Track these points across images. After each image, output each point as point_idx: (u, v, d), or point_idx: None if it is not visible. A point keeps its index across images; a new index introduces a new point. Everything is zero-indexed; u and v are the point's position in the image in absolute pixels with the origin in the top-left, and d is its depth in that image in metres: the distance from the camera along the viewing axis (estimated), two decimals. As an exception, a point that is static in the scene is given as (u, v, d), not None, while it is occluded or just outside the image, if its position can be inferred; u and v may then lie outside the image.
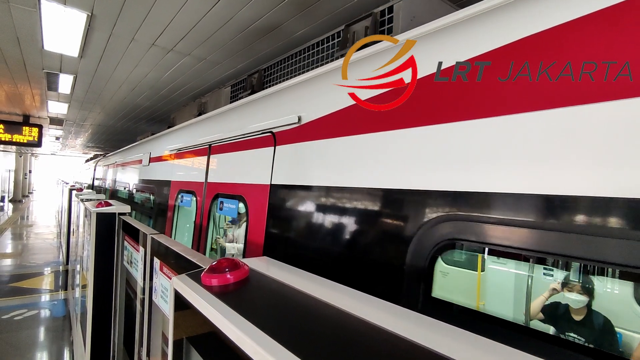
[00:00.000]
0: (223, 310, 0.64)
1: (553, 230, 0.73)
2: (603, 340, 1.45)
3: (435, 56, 1.10)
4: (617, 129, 0.70)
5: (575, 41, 0.82)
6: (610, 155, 0.69)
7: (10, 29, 3.41)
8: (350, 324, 0.58)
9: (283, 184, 1.78)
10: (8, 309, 5.31)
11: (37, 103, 6.80)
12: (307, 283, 0.78)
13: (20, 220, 15.66)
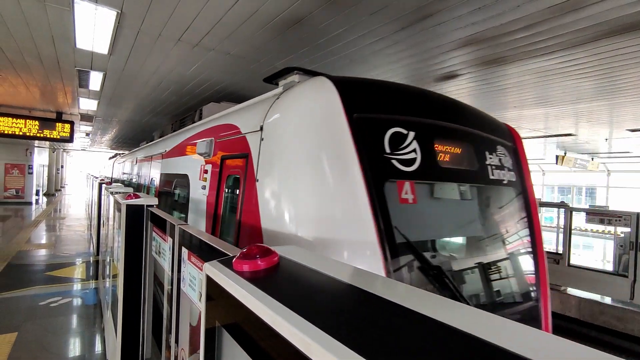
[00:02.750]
0: (257, 294, 0.65)
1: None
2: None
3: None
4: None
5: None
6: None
7: (46, 28, 3.55)
8: (386, 308, 0.57)
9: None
10: (45, 296, 5.59)
11: (69, 100, 7.07)
12: (336, 270, 0.78)
13: (53, 212, 16.41)
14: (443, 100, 2.54)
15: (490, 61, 4.00)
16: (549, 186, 21.17)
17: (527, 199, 2.69)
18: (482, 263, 2.39)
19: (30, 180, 18.44)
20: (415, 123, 2.14)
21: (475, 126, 2.53)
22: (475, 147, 2.45)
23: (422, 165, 2.09)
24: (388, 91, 2.33)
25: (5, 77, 5.54)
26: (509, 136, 2.84)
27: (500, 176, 2.55)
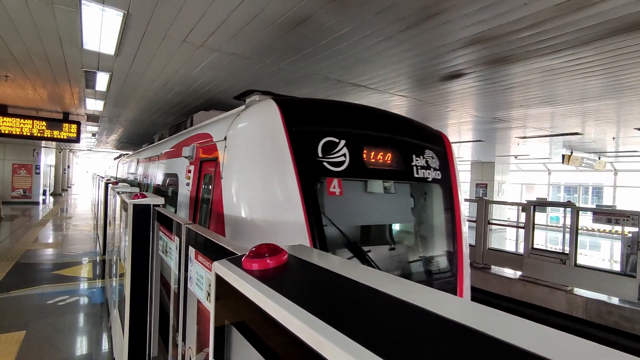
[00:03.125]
0: (267, 292, 0.65)
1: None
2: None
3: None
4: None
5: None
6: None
7: (54, 29, 3.59)
8: (398, 306, 0.57)
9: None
10: (53, 294, 5.65)
11: (75, 100, 7.13)
12: (344, 268, 0.78)
13: (60, 212, 16.56)
14: (375, 113, 3.13)
15: (496, 60, 3.98)
16: (555, 185, 21.00)
17: (451, 193, 3.28)
18: (399, 242, 3.21)
19: (38, 180, 18.62)
20: (346, 133, 2.71)
21: (404, 134, 3.10)
22: (401, 151, 3.00)
23: (349, 166, 2.67)
24: (323, 108, 2.90)
25: (14, 79, 5.61)
26: (440, 142, 3.39)
27: (425, 174, 3.11)
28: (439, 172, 3.22)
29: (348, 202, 2.83)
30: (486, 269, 7.50)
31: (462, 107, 6.37)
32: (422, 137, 3.25)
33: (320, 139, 2.59)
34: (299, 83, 5.22)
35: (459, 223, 3.25)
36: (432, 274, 3.13)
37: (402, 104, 6.27)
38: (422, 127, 3.43)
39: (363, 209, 2.94)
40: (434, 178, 3.17)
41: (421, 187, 3.31)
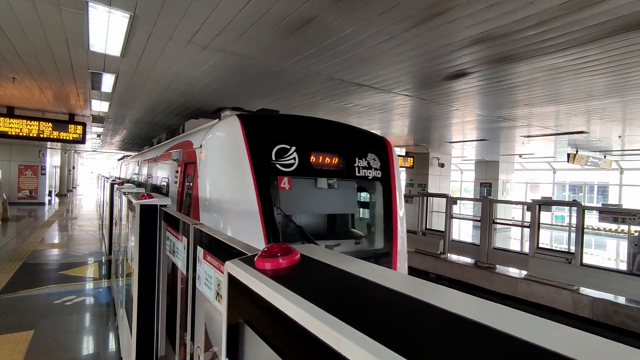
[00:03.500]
0: (282, 292, 0.66)
1: None
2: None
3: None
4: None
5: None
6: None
7: (61, 31, 3.62)
8: (411, 305, 0.58)
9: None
10: (60, 294, 5.70)
11: (81, 102, 7.18)
12: (357, 268, 0.79)
13: (66, 213, 16.68)
14: (323, 124, 3.85)
15: (501, 59, 3.97)
16: (560, 184, 20.88)
17: (390, 188, 3.96)
18: (340, 226, 4.12)
19: (43, 181, 18.76)
20: (296, 141, 3.39)
21: (347, 140, 3.78)
22: (344, 154, 3.67)
23: (298, 167, 3.35)
24: (278, 122, 3.62)
25: (21, 80, 5.66)
26: (383, 146, 4.06)
27: (366, 174, 3.80)
28: (380, 171, 3.92)
29: (298, 195, 3.58)
30: (491, 268, 7.48)
31: (466, 106, 6.35)
32: (365, 143, 3.94)
33: (274, 146, 3.31)
34: (302, 83, 5.23)
35: (395, 212, 3.94)
36: (372, 251, 3.86)
37: (405, 103, 6.26)
38: (366, 134, 4.13)
39: (311, 201, 3.72)
40: (374, 176, 3.88)
41: (365, 183, 4.05)
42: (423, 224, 9.38)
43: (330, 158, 3.59)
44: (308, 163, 3.43)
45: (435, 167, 14.51)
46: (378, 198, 3.99)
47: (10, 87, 6.15)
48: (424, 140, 11.22)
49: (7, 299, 5.44)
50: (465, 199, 17.61)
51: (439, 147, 12.90)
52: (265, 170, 3.22)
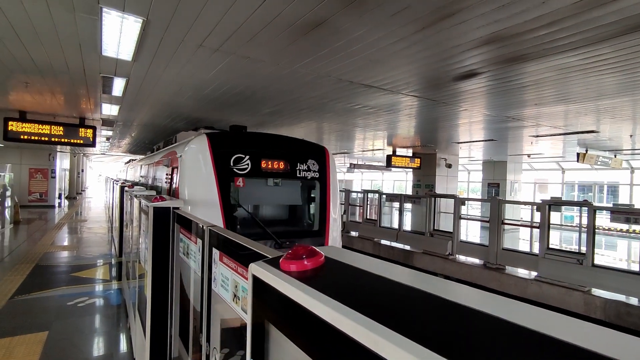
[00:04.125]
0: (312, 293, 0.67)
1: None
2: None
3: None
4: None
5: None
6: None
7: (74, 36, 3.68)
8: (443, 306, 0.59)
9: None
10: (72, 296, 5.77)
11: (91, 106, 7.28)
12: (384, 269, 0.79)
13: (75, 215, 16.87)
14: (271, 138, 4.99)
15: (511, 59, 3.95)
16: (569, 184, 20.66)
17: (326, 186, 5.04)
18: (283, 215, 5.25)
19: (53, 184, 19.00)
20: (250, 151, 4.45)
21: (291, 150, 4.86)
22: (288, 160, 4.73)
23: (250, 170, 4.42)
24: (236, 138, 4.77)
25: (33, 85, 5.75)
26: (321, 153, 5.15)
27: (306, 175, 4.88)
28: (318, 173, 5.01)
29: (252, 191, 4.74)
30: (500, 269, 7.42)
31: (475, 107, 6.33)
32: (306, 151, 5.03)
33: (232, 155, 4.39)
34: (310, 85, 5.25)
35: (328, 203, 5.05)
36: (309, 232, 5.10)
37: (413, 104, 6.25)
38: (307, 144, 5.24)
39: (262, 195, 4.98)
40: (312, 177, 4.97)
41: (306, 182, 5.13)
42: (431, 225, 9.34)
43: (276, 163, 4.70)
44: (259, 167, 4.57)
45: (443, 167, 14.44)
46: (316, 193, 5.14)
47: (23, 92, 6.26)
48: (432, 140, 11.18)
49: (21, 301, 5.52)
50: (474, 200, 17.51)
51: (447, 148, 12.85)
52: (225, 173, 4.37)
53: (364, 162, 21.83)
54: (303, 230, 5.22)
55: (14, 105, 7.45)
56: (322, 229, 4.98)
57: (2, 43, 3.96)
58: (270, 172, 4.69)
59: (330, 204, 5.11)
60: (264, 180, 4.86)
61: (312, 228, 5.15)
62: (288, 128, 9.63)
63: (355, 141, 12.17)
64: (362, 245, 10.82)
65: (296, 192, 5.29)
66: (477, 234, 13.87)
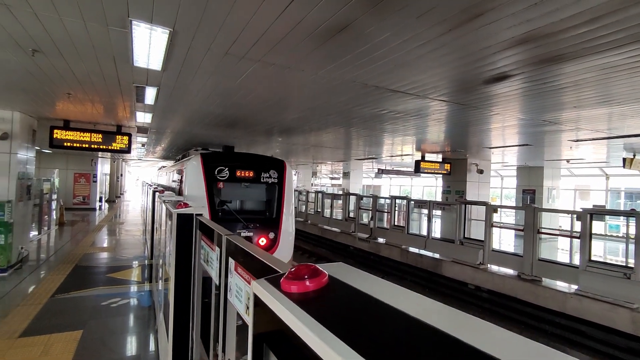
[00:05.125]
0: (305, 320, 0.62)
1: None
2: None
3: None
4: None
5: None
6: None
7: (108, 49, 3.86)
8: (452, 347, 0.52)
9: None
10: (107, 296, 6.01)
11: (127, 114, 7.62)
12: (389, 294, 0.73)
13: (114, 218, 17.70)
14: (244, 155, 7.71)
15: (546, 60, 3.73)
16: (614, 191, 19.30)
17: (282, 189, 7.42)
18: (252, 206, 7.53)
19: (95, 188, 20.09)
20: (229, 165, 7.06)
21: (258, 163, 7.38)
22: (255, 170, 7.21)
23: (229, 178, 6.99)
24: (220, 155, 7.45)
25: (75, 96, 6.09)
26: (280, 166, 7.55)
27: (268, 181, 7.33)
28: (277, 179, 7.47)
29: (229, 191, 7.17)
30: (536, 281, 7.01)
31: (507, 110, 6.05)
32: (269, 164, 7.50)
33: (216, 168, 6.87)
34: (336, 91, 5.21)
35: (283, 200, 7.43)
36: (268, 221, 7.32)
37: (442, 108, 6.07)
38: (270, 159, 7.79)
39: (237, 194, 7.33)
40: (273, 182, 7.44)
41: (264, 186, 7.52)
42: (461, 233, 9.00)
43: (246, 172, 7.24)
44: (235, 175, 7.12)
45: (474, 173, 13.93)
46: (275, 193, 7.54)
47: (66, 102, 6.65)
48: (462, 145, 10.82)
49: (61, 299, 5.82)
50: (506, 207, 16.75)
51: (478, 153, 12.39)
52: (211, 180, 6.93)
53: (393, 167, 21.50)
54: (264, 218, 7.48)
55: (59, 114, 7.94)
56: (278, 217, 7.44)
57: (46, 58, 4.22)
58: (242, 179, 7.27)
59: (285, 200, 7.57)
60: (239, 184, 7.30)
61: (271, 216, 7.51)
62: (316, 133, 9.64)
63: (384, 146, 12.00)
64: (389, 253, 10.60)
65: (261, 192, 7.69)
66: (511, 243, 13.23)
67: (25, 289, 6.33)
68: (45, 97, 6.30)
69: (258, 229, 7.18)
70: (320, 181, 34.23)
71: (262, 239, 7.19)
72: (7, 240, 7.31)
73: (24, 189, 8.36)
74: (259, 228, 7.20)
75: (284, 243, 7.41)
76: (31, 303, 5.59)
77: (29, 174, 8.69)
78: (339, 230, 13.33)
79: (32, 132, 8.61)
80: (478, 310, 7.66)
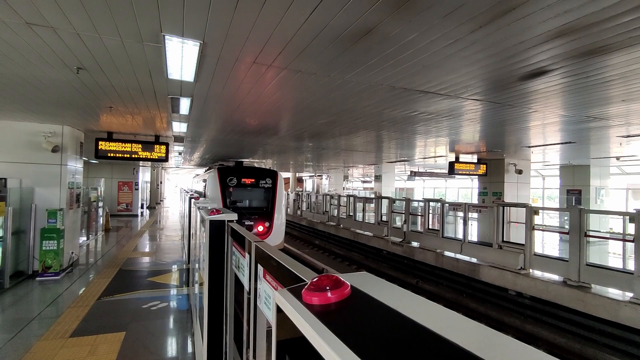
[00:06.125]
0: (325, 335, 0.61)
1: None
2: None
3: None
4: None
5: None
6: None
7: (144, 64, 4.06)
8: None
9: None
10: (147, 299, 6.29)
11: (164, 124, 7.97)
12: (416, 310, 0.70)
13: (154, 224, 18.52)
14: (248, 167, 12.38)
15: (589, 52, 3.50)
16: (673, 190, 17.69)
17: (274, 191, 11.50)
18: (253, 204, 11.46)
19: (137, 195, 21.18)
20: (236, 175, 11.29)
21: (257, 173, 11.66)
22: (255, 178, 11.45)
23: (236, 184, 11.20)
24: (231, 168, 11.72)
25: (116, 109, 6.46)
26: (274, 174, 11.75)
27: (264, 185, 11.50)
28: (271, 185, 11.48)
29: (237, 193, 11.21)
30: (584, 287, 6.55)
31: (547, 107, 5.73)
32: (265, 174, 11.58)
33: (228, 177, 11.12)
34: (363, 94, 5.17)
35: (275, 200, 11.34)
36: (264, 214, 11.16)
37: (475, 108, 5.85)
38: (266, 170, 11.86)
39: (242, 195, 11.28)
40: (268, 187, 11.45)
41: (262, 189, 11.41)
42: (499, 236, 8.60)
43: (249, 180, 11.19)
44: (241, 182, 11.08)
45: (512, 173, 13.30)
46: (270, 195, 11.31)
47: (109, 115, 7.07)
48: (498, 145, 10.38)
49: (106, 302, 6.15)
50: (549, 209, 15.83)
51: (516, 152, 11.83)
52: (224, 185, 10.93)
53: (426, 169, 21.00)
54: (262, 212, 11.22)
55: (102, 127, 8.45)
56: (271, 211, 11.23)
57: (89, 74, 4.51)
58: (246, 184, 11.18)
59: (277, 200, 11.39)
60: (243, 188, 11.19)
61: (267, 211, 11.26)
62: (346, 137, 9.61)
63: (416, 148, 11.75)
64: (423, 257, 10.33)
65: (260, 194, 11.46)
66: (556, 247, 12.48)
67: (76, 292, 6.76)
68: (90, 111, 6.73)
69: (257, 219, 11.04)
70: (352, 185, 34.08)
71: (260, 227, 11.00)
72: (60, 246, 7.85)
73: (74, 197, 8.96)
74: (258, 219, 11.07)
75: (276, 230, 11.28)
76: (80, 305, 5.96)
77: (78, 183, 9.31)
78: (371, 234, 13.17)
79: (80, 144, 9.23)
80: (520, 317, 7.28)
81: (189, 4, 2.74)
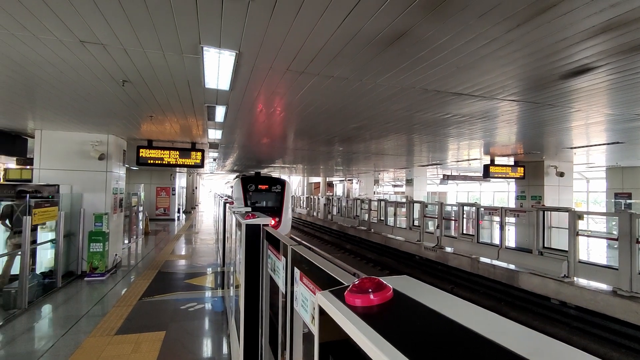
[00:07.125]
0: (371, 335, 0.62)
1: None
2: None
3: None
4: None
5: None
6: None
7: (183, 75, 4.26)
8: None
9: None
10: (185, 301, 6.52)
11: (200, 132, 8.29)
12: (457, 311, 0.70)
13: (190, 228, 19.18)
14: (263, 176, 17.17)
15: (636, 47, 3.30)
16: None
17: (283, 194, 16.26)
18: (268, 204, 16.23)
19: (174, 200, 22.06)
20: (254, 182, 16.23)
21: (271, 181, 16.69)
22: (269, 184, 16.37)
23: (254, 189, 16.07)
24: (251, 177, 16.49)
25: (156, 118, 6.80)
26: (283, 182, 16.67)
27: (275, 190, 16.29)
28: (280, 190, 16.29)
29: (256, 195, 15.97)
30: (637, 298, 6.10)
31: (591, 106, 5.43)
32: (276, 181, 16.58)
33: (248, 184, 15.99)
34: (395, 98, 5.14)
35: (284, 202, 16.08)
36: (276, 211, 15.67)
37: (512, 109, 5.65)
38: (277, 178, 17.19)
39: (259, 197, 15.98)
40: (278, 191, 16.24)
41: (274, 193, 16.20)
42: (540, 242, 8.20)
43: (264, 186, 16.10)
44: (258, 187, 16.00)
45: (553, 176, 12.65)
46: (280, 198, 16.13)
47: (149, 124, 7.45)
48: (537, 147, 9.92)
49: (147, 302, 6.45)
50: (594, 214, 14.89)
51: (556, 154, 11.25)
52: (245, 190, 15.78)
53: (459, 173, 20.41)
54: (274, 209, 15.43)
55: (143, 135, 8.91)
56: (280, 209, 15.72)
57: (133, 86, 4.79)
58: (262, 189, 15.95)
59: (284, 202, 15.93)
60: (260, 192, 15.87)
61: (277, 209, 15.65)
62: (377, 141, 9.57)
63: (449, 151, 11.47)
64: (458, 262, 10.03)
65: (273, 196, 15.93)
66: (603, 254, 11.71)
67: (119, 292, 7.13)
68: (132, 120, 7.12)
69: (270, 215, 15.05)
70: (383, 189, 33.69)
71: (272, 221, 12.96)
72: (105, 248, 8.33)
73: (117, 202, 9.49)
74: (271, 215, 11.74)
75: (284, 222, 15.61)
76: (124, 304, 6.28)
77: (121, 189, 9.85)
78: (403, 239, 12.96)
79: (123, 152, 9.77)
80: (566, 328, 6.88)
81: (227, 16, 2.85)
